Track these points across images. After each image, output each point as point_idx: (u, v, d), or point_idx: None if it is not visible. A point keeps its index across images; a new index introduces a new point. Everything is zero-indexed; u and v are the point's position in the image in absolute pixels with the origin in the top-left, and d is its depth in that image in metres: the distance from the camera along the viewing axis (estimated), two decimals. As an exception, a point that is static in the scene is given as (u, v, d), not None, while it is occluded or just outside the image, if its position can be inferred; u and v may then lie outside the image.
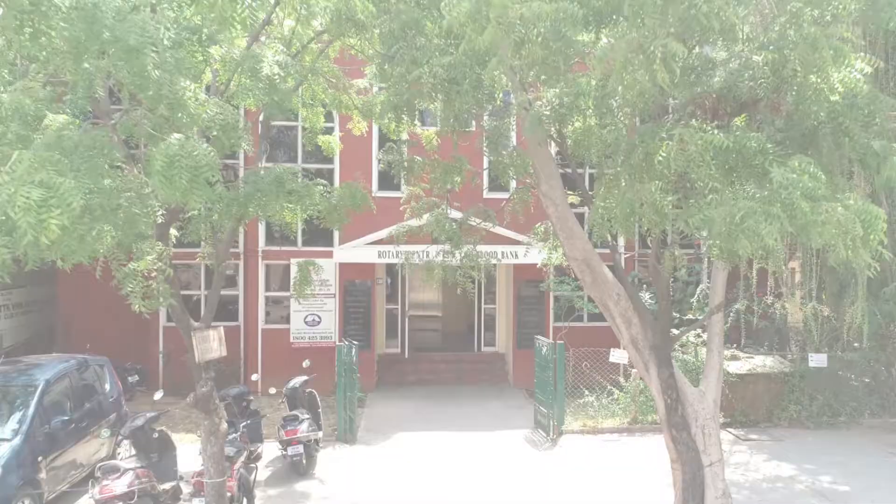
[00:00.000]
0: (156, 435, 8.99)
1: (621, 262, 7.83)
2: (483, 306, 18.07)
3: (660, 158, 5.28)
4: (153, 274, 5.90)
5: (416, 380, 16.88)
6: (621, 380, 13.09)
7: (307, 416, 10.90)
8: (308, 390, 11.86)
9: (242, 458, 8.72)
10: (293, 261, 16.91)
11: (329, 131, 12.42)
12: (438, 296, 19.93)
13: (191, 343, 6.69)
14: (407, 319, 17.68)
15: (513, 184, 17.47)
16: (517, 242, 15.90)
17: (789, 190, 4.58)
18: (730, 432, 12.76)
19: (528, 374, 15.86)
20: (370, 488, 10.06)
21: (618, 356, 12.76)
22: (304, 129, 14.41)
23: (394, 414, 14.40)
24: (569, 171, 8.11)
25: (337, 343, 15.59)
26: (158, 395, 10.14)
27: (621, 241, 16.65)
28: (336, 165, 16.56)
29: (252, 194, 6.69)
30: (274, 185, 6.71)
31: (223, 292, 17.95)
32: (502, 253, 15.75)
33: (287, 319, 16.43)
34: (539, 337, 14.02)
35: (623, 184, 6.09)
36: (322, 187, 8.11)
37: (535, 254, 16.18)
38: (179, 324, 6.93)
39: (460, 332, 19.94)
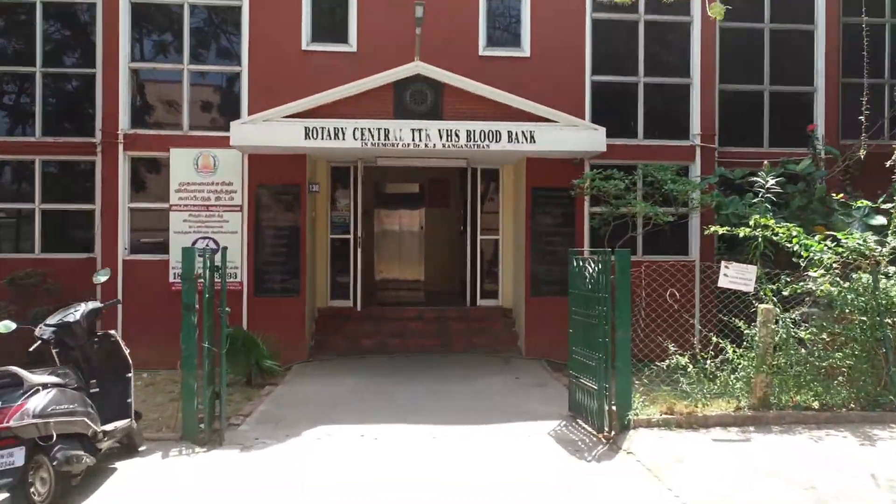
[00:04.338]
0: None
1: None
2: (479, 238, 11.88)
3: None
4: None
5: (376, 345, 10.74)
6: (740, 325, 6.88)
7: (64, 379, 4.82)
8: (104, 332, 5.72)
9: None
10: (174, 151, 10.78)
11: None
12: (414, 227, 13.80)
13: None
14: (360, 254, 11.48)
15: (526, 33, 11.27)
16: (536, 118, 9.79)
17: None
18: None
19: (548, 336, 9.87)
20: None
21: (735, 275, 6.63)
22: None
23: (323, 394, 8.33)
24: None
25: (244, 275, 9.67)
26: None
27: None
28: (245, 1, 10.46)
29: None
30: None
31: (71, 207, 10.76)
32: (510, 133, 9.63)
33: (165, 247, 10.31)
34: (576, 250, 7.91)
35: None
36: None
37: (564, 132, 10.03)
38: None
39: (445, 277, 13.83)
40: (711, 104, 10.93)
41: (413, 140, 9.53)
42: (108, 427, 5.13)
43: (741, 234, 7.45)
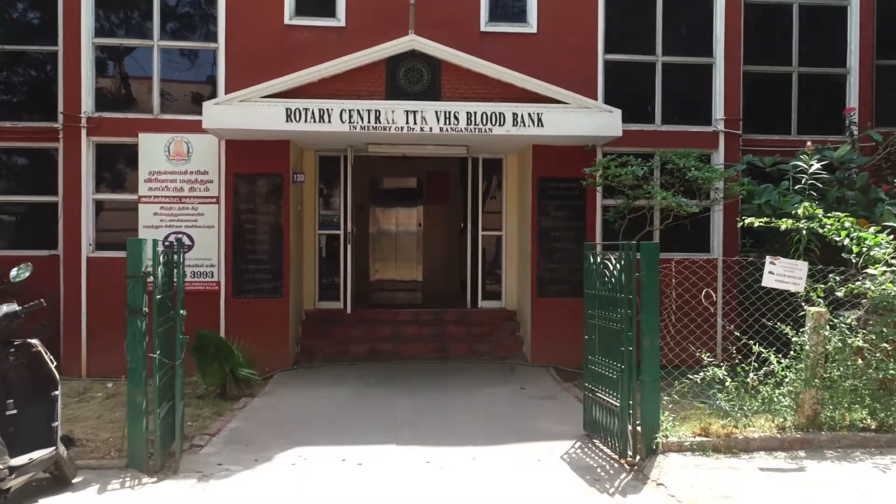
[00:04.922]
0: None
1: None
2: (480, 235, 10.91)
3: None
4: None
5: (367, 351, 9.75)
6: (787, 331, 5.89)
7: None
8: (23, 342, 4.72)
9: None
10: (143, 136, 9.82)
11: None
12: (411, 225, 12.87)
13: None
14: (351, 251, 10.49)
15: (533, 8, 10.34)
16: (543, 99, 8.82)
17: None
18: None
19: (557, 342, 8.98)
20: None
21: (782, 273, 5.65)
22: None
23: (304, 408, 7.36)
24: None
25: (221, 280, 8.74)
26: None
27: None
28: (221, -31, 9.47)
29: None
30: None
31: (32, 199, 9.50)
32: (515, 116, 8.65)
33: (134, 242, 9.30)
34: (591, 244, 6.96)
35: None
36: None
37: (575, 114, 9.07)
38: None
39: (444, 278, 12.86)
40: (736, 87, 9.95)
41: (407, 123, 8.55)
42: (21, 460, 4.15)
43: (783, 227, 6.46)
